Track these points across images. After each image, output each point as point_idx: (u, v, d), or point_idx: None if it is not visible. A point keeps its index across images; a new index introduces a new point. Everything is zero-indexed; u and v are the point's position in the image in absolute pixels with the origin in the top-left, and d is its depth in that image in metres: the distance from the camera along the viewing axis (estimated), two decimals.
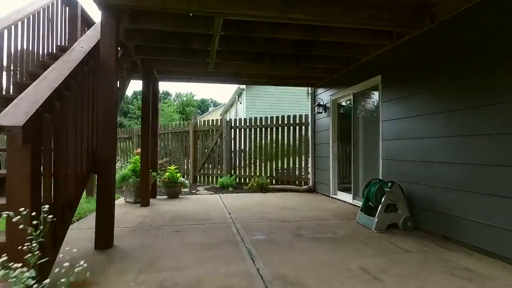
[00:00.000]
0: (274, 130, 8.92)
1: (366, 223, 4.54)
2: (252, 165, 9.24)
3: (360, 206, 5.70)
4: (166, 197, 7.34)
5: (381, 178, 5.13)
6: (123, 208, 5.94)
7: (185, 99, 47.90)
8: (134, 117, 39.11)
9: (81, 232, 4.21)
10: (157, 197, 7.37)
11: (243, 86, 18.97)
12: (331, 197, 7.12)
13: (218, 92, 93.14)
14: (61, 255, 2.70)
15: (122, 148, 12.12)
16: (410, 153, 4.55)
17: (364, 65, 5.90)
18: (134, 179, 6.48)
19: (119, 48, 5.09)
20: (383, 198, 4.37)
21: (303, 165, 8.60)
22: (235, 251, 3.46)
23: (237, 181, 9.20)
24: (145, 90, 6.31)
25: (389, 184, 4.45)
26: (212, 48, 5.03)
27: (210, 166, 9.91)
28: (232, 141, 9.54)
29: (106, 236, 3.55)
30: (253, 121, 9.25)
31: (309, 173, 8.42)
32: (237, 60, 5.95)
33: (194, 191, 8.49)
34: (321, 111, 7.57)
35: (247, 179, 9.19)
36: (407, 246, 3.66)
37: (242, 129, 9.39)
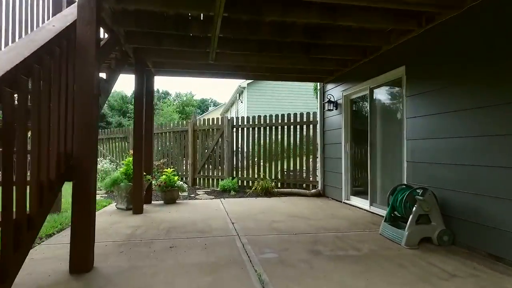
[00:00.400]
0: (280, 129, 8.26)
1: (393, 237, 3.87)
2: (256, 167, 8.58)
3: (379, 214, 5.04)
4: (162, 202, 6.68)
5: (406, 183, 4.47)
6: (113, 217, 5.27)
7: (184, 98, 47.23)
8: (133, 116, 38.34)
9: (58, 249, 3.55)
10: (152, 202, 6.71)
11: (244, 84, 18.33)
12: (344, 203, 6.46)
13: (218, 92, 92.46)
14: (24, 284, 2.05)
15: (118, 149, 11.46)
16: (444, 154, 3.88)
17: (384, 55, 5.23)
18: (126, 184, 5.82)
19: (105, 33, 4.45)
20: (414, 208, 3.71)
21: (310, 167, 7.93)
22: (242, 277, 2.79)
23: (240, 184, 8.53)
24: (138, 84, 5.64)
25: (420, 191, 3.78)
26: (213, 34, 4.37)
27: (210, 167, 9.24)
28: (234, 141, 8.88)
29: (84, 258, 2.89)
30: (256, 119, 8.59)
31: (317, 176, 7.76)
32: (240, 50, 5.29)
33: (193, 195, 7.83)
34: (331, 108, 6.91)
35: (250, 182, 8.53)
36: (451, 269, 2.99)
37: (245, 128, 8.73)
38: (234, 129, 8.88)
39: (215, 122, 9.22)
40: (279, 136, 8.29)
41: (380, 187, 5.50)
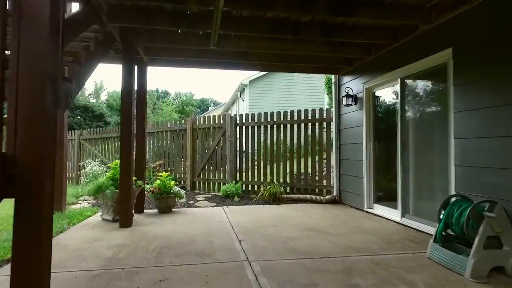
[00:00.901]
0: (288, 127, 7.35)
1: (449, 263, 2.97)
2: (261, 169, 7.68)
3: (414, 227, 4.14)
4: (156, 211, 5.77)
5: (457, 192, 3.58)
6: (95, 231, 4.37)
7: (184, 98, 46.37)
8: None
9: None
10: (145, 211, 5.81)
11: (246, 82, 17.45)
12: (366, 212, 5.56)
13: (219, 91, 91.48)
14: None
15: (112, 149, 10.53)
16: (510, 157, 2.99)
17: (421, 38, 4.34)
18: (112, 191, 4.92)
19: (78, 3, 3.55)
20: (481, 227, 2.81)
21: (324, 170, 7.04)
22: None
23: (244, 189, 7.63)
24: (126, 75, 4.72)
25: (486, 205, 2.88)
26: (215, 6, 3.47)
27: (211, 170, 8.33)
28: (238, 140, 7.97)
29: None
30: (262, 117, 7.69)
31: (332, 180, 6.86)
32: (248, 31, 4.41)
33: (192, 201, 6.92)
34: (349, 103, 6.01)
35: (256, 186, 7.63)
36: None
37: (250, 127, 7.83)
38: (238, 127, 7.98)
39: (216, 120, 8.31)
40: (288, 135, 7.38)
41: (414, 195, 4.60)
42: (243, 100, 18.68)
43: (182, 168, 8.86)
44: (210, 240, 3.88)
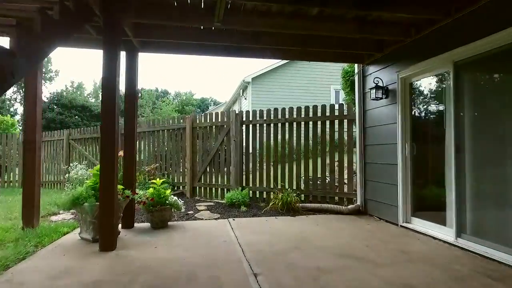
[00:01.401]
0: (303, 125, 6.34)
1: None
2: (271, 174, 6.66)
3: (478, 253, 3.12)
4: (149, 225, 4.76)
5: None
6: (67, 258, 3.35)
7: (184, 97, 45.35)
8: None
9: None
10: (136, 225, 4.80)
11: (249, 79, 16.46)
12: (402, 227, 4.56)
13: (219, 91, 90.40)
14: None
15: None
16: None
17: (481, 11, 3.33)
18: (92, 203, 3.89)
19: None
20: None
21: (345, 174, 6.03)
22: None
23: (251, 196, 6.62)
24: (108, 61, 3.66)
25: None
26: None
27: (213, 174, 7.31)
28: (244, 141, 6.95)
29: None
30: (272, 114, 6.68)
31: (354, 186, 5.85)
32: (262, 1, 3.39)
33: (191, 211, 5.90)
34: (379, 97, 5.01)
35: (265, 193, 6.62)
36: None
37: (257, 125, 6.81)
38: (243, 126, 6.96)
39: (219, 118, 7.29)
40: (302, 135, 6.37)
41: (474, 209, 3.60)
42: (245, 99, 17.66)
43: (181, 172, 7.84)
44: (216, 276, 2.86)
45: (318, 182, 6.20)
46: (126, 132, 4.74)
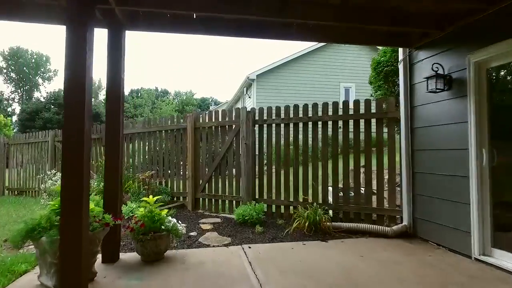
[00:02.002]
0: (330, 125, 5.12)
1: None
2: (291, 184, 5.44)
3: None
4: (139, 257, 3.54)
5: None
6: None
7: (184, 97, 44.19)
8: (130, 115, 35.25)
9: None
10: (121, 257, 3.57)
11: (253, 76, 15.24)
12: (478, 260, 3.35)
13: (220, 90, 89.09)
14: None
15: (92, 153, 8.24)
16: None
17: None
18: (53, 237, 2.67)
19: None
20: None
21: (384, 185, 4.81)
22: None
23: (266, 210, 5.40)
24: (74, 41, 2.49)
25: None
26: None
27: (219, 183, 6.09)
28: (257, 143, 5.74)
29: None
30: (291, 111, 5.45)
31: (398, 201, 4.64)
32: None
33: (194, 231, 4.69)
34: (440, 88, 3.79)
35: (283, 207, 5.40)
36: None
37: (273, 125, 5.59)
38: (256, 126, 5.74)
39: (226, 117, 6.07)
40: (329, 137, 5.16)
41: None
42: (249, 97, 16.45)
43: (181, 179, 6.62)
44: None
45: (351, 195, 4.99)
46: (108, 134, 3.53)
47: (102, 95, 56.72)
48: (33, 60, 52.05)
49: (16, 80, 51.19)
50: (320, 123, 5.19)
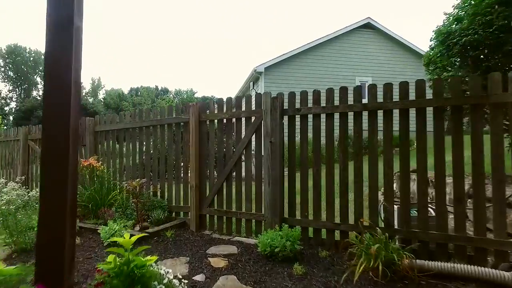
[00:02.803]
0: (396, 115, 3.49)
1: None
2: (337, 198, 3.80)
3: None
4: None
5: None
6: None
7: (185, 96, 42.57)
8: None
9: None
10: None
11: (261, 69, 13.61)
12: None
13: (221, 89, 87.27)
14: None
15: None
16: None
17: None
18: None
19: None
20: None
21: (486, 202, 3.19)
22: None
23: (302, 236, 3.75)
24: None
25: None
26: None
27: (233, 195, 4.46)
28: (285, 142, 4.10)
29: None
30: (336, 96, 3.82)
31: (509, 227, 3.03)
32: None
33: (200, 274, 3.05)
34: None
35: (325, 231, 3.78)
36: None
37: (310, 116, 3.96)
38: (286, 117, 4.11)
39: (242, 105, 4.44)
40: (395, 131, 3.53)
41: None
42: (256, 92, 14.86)
43: (182, 189, 4.97)
44: None
45: (431, 214, 3.36)
46: (48, 134, 1.88)
47: (101, 94, 55.01)
48: (32, 59, 50.35)
49: (14, 79, 49.46)
50: (380, 112, 3.56)
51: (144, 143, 5.35)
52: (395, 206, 3.50)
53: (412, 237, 3.31)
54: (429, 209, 3.40)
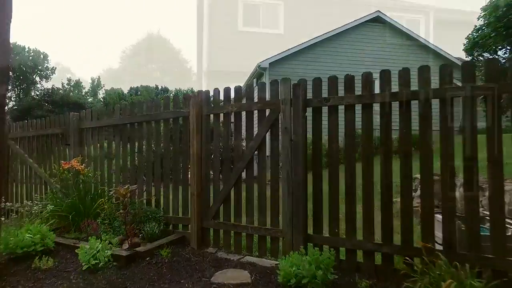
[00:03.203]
0: (448, 103, 2.67)
1: None
2: (377, 212, 2.98)
3: None
4: None
5: None
6: None
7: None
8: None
9: None
10: None
11: (266, 64, 12.81)
12: None
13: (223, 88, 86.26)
14: None
15: (56, 155, 5.66)
16: None
17: None
18: None
19: None
20: None
21: None
22: None
23: (334, 262, 2.93)
24: None
25: None
26: None
27: (243, 205, 3.63)
28: (311, 139, 3.27)
29: None
30: (376, 83, 3.01)
31: None
32: None
33: None
34: None
35: (361, 253, 2.95)
36: None
37: (336, 108, 3.13)
38: (310, 110, 3.28)
39: (255, 96, 3.64)
40: (449, 123, 2.71)
41: None
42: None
43: (180, 197, 4.14)
44: None
45: (510, 233, 2.55)
46: None
47: (101, 93, 54.18)
48: (30, 58, 49.56)
49: (12, 78, 48.67)
50: (425, 101, 2.73)
51: (137, 142, 4.52)
52: (460, 219, 2.68)
53: (482, 265, 2.49)
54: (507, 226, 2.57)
